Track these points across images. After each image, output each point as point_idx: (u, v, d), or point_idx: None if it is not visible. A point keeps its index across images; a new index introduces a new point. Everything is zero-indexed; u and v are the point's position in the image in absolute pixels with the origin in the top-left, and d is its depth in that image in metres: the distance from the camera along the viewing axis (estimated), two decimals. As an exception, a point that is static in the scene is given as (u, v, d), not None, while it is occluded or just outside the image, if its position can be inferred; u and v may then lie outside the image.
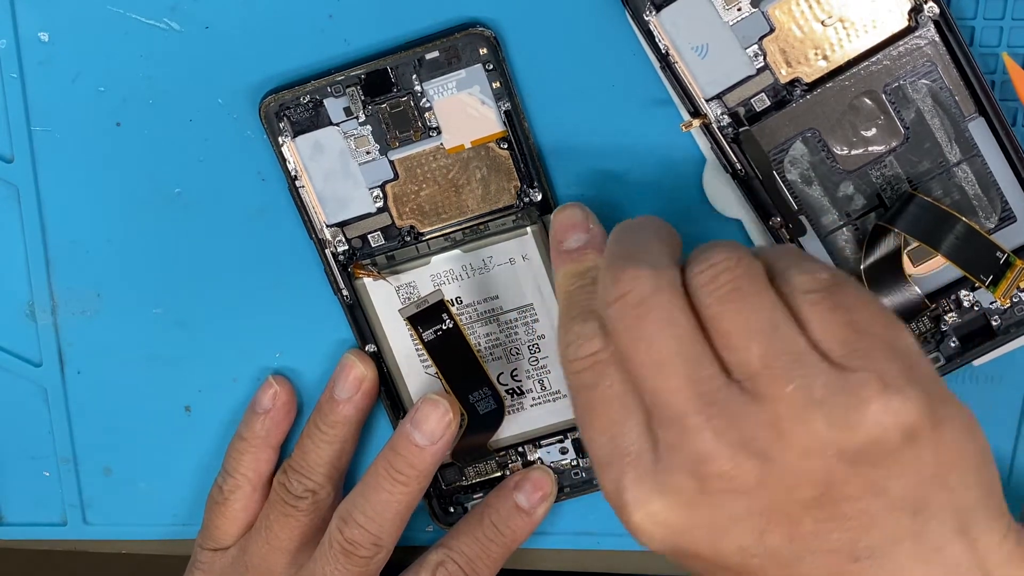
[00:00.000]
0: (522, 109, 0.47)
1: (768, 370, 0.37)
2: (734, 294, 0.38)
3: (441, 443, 0.48)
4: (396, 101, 0.47)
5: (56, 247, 0.50)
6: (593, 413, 0.39)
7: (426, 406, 0.48)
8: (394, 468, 0.48)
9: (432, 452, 0.48)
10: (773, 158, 0.47)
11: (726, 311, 0.37)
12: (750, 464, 0.36)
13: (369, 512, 0.48)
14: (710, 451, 0.36)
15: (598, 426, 0.39)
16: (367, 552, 0.48)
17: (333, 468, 0.50)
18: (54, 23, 0.48)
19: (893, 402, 0.36)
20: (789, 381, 0.36)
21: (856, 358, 0.37)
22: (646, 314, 0.38)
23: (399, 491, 0.48)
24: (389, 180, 0.48)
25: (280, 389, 0.50)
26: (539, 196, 0.48)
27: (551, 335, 0.49)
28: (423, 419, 0.47)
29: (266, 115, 0.47)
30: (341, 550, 0.48)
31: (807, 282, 0.38)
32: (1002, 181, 0.47)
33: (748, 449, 0.36)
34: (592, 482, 0.51)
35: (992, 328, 0.49)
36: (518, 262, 0.49)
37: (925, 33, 0.46)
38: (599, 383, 0.39)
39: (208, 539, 0.51)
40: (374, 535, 0.48)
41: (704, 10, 0.45)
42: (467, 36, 0.46)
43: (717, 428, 0.36)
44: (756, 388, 0.37)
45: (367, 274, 0.48)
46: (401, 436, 0.48)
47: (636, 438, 0.38)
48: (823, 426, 0.36)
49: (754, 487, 0.36)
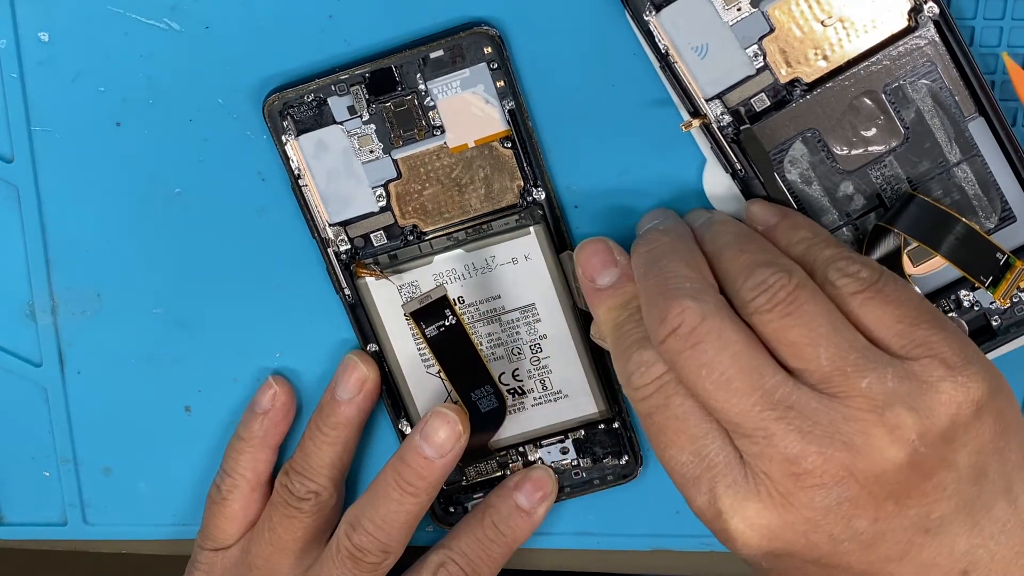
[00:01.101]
0: (526, 108, 0.47)
1: (839, 371, 0.40)
2: (792, 307, 0.40)
3: (451, 456, 0.48)
4: (400, 100, 0.47)
5: (56, 247, 0.50)
6: (670, 433, 0.41)
7: (436, 419, 0.48)
8: (403, 479, 0.48)
9: (442, 465, 0.48)
10: (773, 158, 0.47)
11: (788, 324, 0.40)
12: (839, 456, 0.39)
13: (378, 520, 0.48)
14: (799, 451, 0.39)
15: (678, 444, 0.41)
16: (375, 559, 0.48)
17: (335, 469, 0.50)
18: (54, 23, 0.48)
19: (960, 380, 0.39)
20: (862, 377, 0.39)
21: (914, 347, 0.40)
22: (700, 343, 0.40)
23: (408, 501, 0.48)
24: (392, 179, 0.48)
25: (279, 390, 0.50)
26: (542, 195, 0.48)
27: (553, 335, 0.49)
28: (432, 432, 0.47)
29: (270, 113, 0.47)
30: (349, 556, 0.48)
31: (851, 284, 0.41)
32: (1002, 181, 0.47)
33: (834, 443, 0.39)
34: (592, 482, 0.51)
35: (992, 328, 0.49)
36: (521, 262, 0.49)
37: (925, 33, 0.46)
38: (670, 403, 0.41)
39: (208, 539, 0.51)
40: (383, 543, 0.48)
41: (704, 10, 0.45)
42: (472, 35, 0.46)
43: (801, 428, 0.39)
44: (831, 389, 0.40)
45: (369, 273, 0.48)
46: (410, 448, 0.48)
47: (720, 448, 0.41)
48: (903, 412, 0.39)
49: (844, 477, 0.39)
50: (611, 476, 0.51)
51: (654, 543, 0.53)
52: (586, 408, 0.50)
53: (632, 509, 0.52)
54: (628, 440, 0.51)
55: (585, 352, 0.49)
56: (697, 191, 0.48)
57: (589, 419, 0.51)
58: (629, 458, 0.51)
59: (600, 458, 0.51)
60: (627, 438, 0.51)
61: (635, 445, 0.51)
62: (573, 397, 0.50)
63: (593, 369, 0.50)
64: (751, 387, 0.40)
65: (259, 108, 0.47)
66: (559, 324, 0.49)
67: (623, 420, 0.50)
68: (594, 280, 0.45)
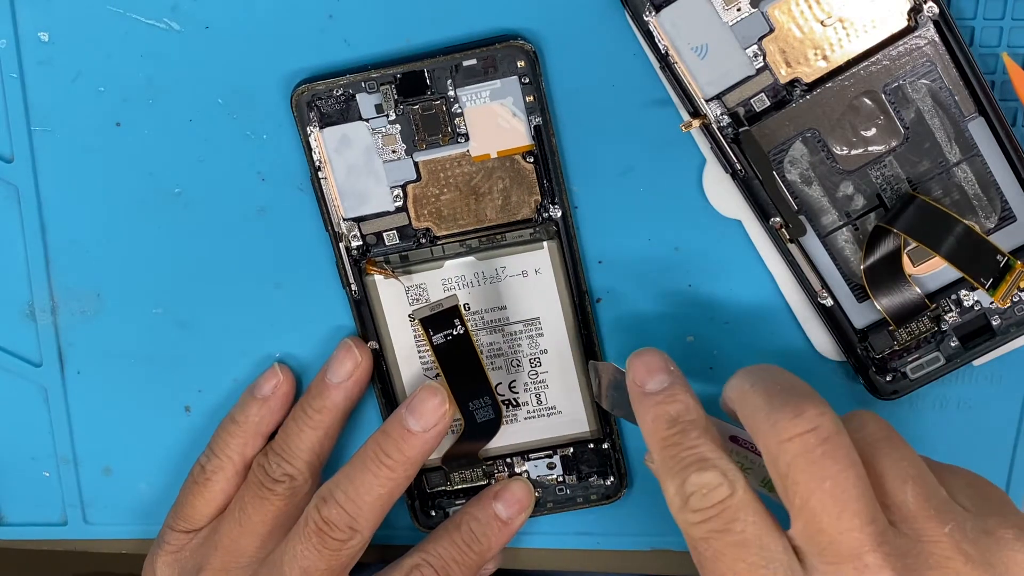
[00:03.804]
0: (552, 126, 0.47)
1: (924, 512, 0.40)
2: (887, 443, 0.41)
3: (433, 432, 0.47)
4: (428, 104, 0.47)
5: (56, 247, 0.50)
6: (727, 559, 0.40)
7: (424, 392, 0.48)
8: (383, 451, 0.47)
9: (423, 440, 0.47)
10: (773, 158, 0.47)
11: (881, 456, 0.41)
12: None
13: (351, 492, 0.47)
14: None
15: (735, 571, 0.40)
16: (341, 535, 0.47)
17: (314, 455, 0.50)
18: (54, 23, 0.48)
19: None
20: (945, 523, 0.39)
21: (983, 507, 0.41)
22: (834, 451, 0.39)
23: (384, 475, 0.47)
24: (411, 181, 0.48)
25: (283, 379, 0.50)
26: (558, 213, 0.48)
27: (553, 351, 0.49)
28: (419, 404, 0.47)
29: (297, 104, 0.47)
30: (316, 530, 0.47)
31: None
32: (1002, 181, 0.47)
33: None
34: (576, 499, 0.51)
35: (992, 328, 0.49)
36: (531, 275, 0.49)
37: (925, 33, 0.46)
38: (731, 528, 0.40)
39: (181, 519, 0.51)
40: (351, 516, 0.47)
41: (704, 10, 0.45)
42: (507, 48, 0.46)
43: (894, 567, 0.39)
44: (915, 530, 0.40)
45: (379, 271, 0.48)
46: (395, 420, 0.48)
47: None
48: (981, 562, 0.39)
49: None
50: (595, 495, 0.51)
51: (654, 543, 0.53)
52: (578, 426, 0.50)
53: (632, 509, 0.52)
54: (616, 461, 0.51)
55: (583, 372, 0.50)
56: (697, 191, 0.48)
57: (580, 437, 0.51)
58: (615, 480, 0.51)
59: (586, 476, 0.51)
60: (615, 459, 0.51)
61: (622, 467, 0.51)
62: (566, 414, 0.50)
63: (589, 390, 0.50)
64: (866, 512, 0.39)
65: (258, 107, 0.48)
66: (561, 341, 0.49)
67: (613, 441, 0.51)
68: (643, 385, 0.44)
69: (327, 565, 0.47)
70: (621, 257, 0.49)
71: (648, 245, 0.49)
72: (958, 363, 0.49)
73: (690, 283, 0.50)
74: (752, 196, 0.47)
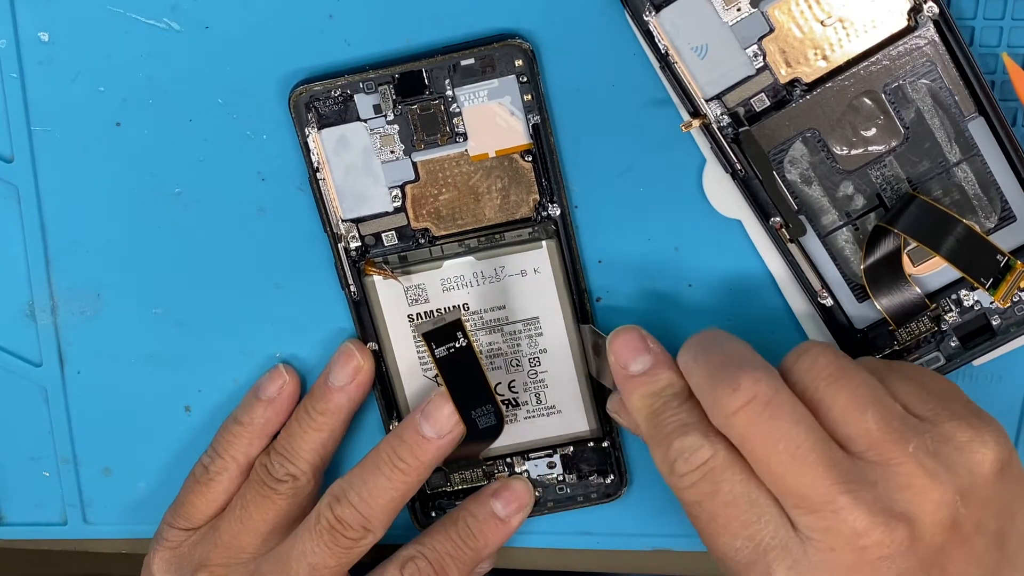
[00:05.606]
0: (551, 125, 0.47)
1: (887, 435, 0.40)
2: (840, 374, 0.41)
3: (448, 438, 0.48)
4: (427, 104, 0.47)
5: (56, 247, 0.50)
6: (721, 519, 0.41)
7: (438, 399, 0.48)
8: (397, 455, 0.48)
9: (437, 446, 0.48)
10: (773, 158, 0.47)
11: (837, 391, 0.41)
12: (901, 527, 0.39)
13: (364, 494, 0.48)
14: (867, 524, 0.39)
15: (732, 531, 0.41)
16: (354, 534, 0.48)
17: (317, 455, 0.50)
18: (54, 23, 0.48)
19: (986, 439, 0.41)
20: (908, 441, 0.40)
21: (938, 412, 0.41)
22: (777, 413, 0.40)
23: (397, 479, 0.48)
24: (410, 181, 0.48)
25: (289, 380, 0.50)
26: (557, 211, 0.48)
27: (553, 350, 0.49)
28: (434, 411, 0.48)
29: (295, 105, 0.47)
30: (328, 527, 0.48)
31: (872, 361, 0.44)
32: (1002, 181, 0.47)
33: (894, 514, 0.39)
34: (576, 498, 0.51)
35: (992, 328, 0.49)
36: (529, 274, 0.49)
37: (925, 33, 0.45)
38: (719, 488, 0.41)
39: (180, 517, 0.51)
40: (364, 517, 0.48)
41: (704, 10, 0.45)
42: (504, 47, 0.46)
43: (866, 500, 0.39)
44: (881, 455, 0.40)
45: (378, 272, 0.48)
46: (409, 425, 0.48)
47: (776, 530, 0.41)
48: (945, 474, 0.40)
49: (906, 548, 0.39)
50: (595, 494, 0.51)
51: (654, 543, 0.53)
52: (578, 425, 0.50)
53: (632, 508, 0.52)
54: (616, 460, 0.51)
55: (582, 370, 0.50)
56: (697, 191, 0.48)
57: (580, 436, 0.51)
58: (615, 478, 0.51)
59: (586, 475, 0.51)
60: (615, 458, 0.51)
61: (622, 466, 0.51)
62: (566, 413, 0.50)
63: (589, 388, 0.50)
64: (824, 459, 0.40)
65: (258, 107, 0.48)
66: (560, 340, 0.49)
67: (613, 440, 0.51)
68: (626, 367, 0.45)
69: (336, 562, 0.48)
70: (621, 257, 0.49)
71: (648, 245, 0.49)
72: (958, 363, 0.49)
73: (690, 283, 0.50)
74: (752, 196, 0.47)
